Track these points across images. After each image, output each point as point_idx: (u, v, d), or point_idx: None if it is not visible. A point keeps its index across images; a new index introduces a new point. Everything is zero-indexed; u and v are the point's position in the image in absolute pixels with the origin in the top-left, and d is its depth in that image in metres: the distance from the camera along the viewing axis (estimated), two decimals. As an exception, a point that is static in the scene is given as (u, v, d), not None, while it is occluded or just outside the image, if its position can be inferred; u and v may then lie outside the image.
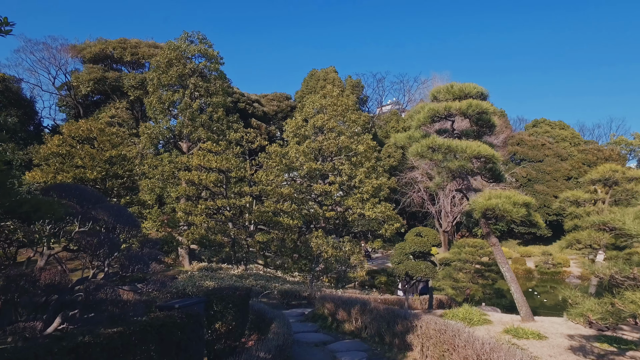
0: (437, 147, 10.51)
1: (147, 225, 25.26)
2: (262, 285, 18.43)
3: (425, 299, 18.63)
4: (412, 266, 11.99)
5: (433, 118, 11.18)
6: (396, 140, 12.64)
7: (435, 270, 12.30)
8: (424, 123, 11.26)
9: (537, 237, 63.10)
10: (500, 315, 14.70)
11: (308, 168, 24.11)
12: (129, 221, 7.17)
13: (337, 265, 20.96)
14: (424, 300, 18.28)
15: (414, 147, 10.90)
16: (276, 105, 64.79)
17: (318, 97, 28.41)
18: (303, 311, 15.10)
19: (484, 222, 11.52)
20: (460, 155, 10.59)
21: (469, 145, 10.44)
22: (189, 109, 27.17)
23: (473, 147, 10.36)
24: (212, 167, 18.95)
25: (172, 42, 30.51)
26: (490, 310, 18.87)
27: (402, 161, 62.81)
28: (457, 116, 11.41)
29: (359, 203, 24.27)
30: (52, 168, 25.75)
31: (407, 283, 12.68)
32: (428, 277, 12.01)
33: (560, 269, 48.10)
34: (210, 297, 7.44)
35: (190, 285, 16.73)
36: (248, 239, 20.30)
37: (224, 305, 7.29)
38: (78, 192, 7.12)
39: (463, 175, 11.56)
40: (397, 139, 12.56)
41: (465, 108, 10.57)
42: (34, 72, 52.73)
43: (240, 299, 7.74)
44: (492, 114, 11.16)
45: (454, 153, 10.61)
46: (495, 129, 12.18)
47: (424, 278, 12.05)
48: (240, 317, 7.76)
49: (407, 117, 68.43)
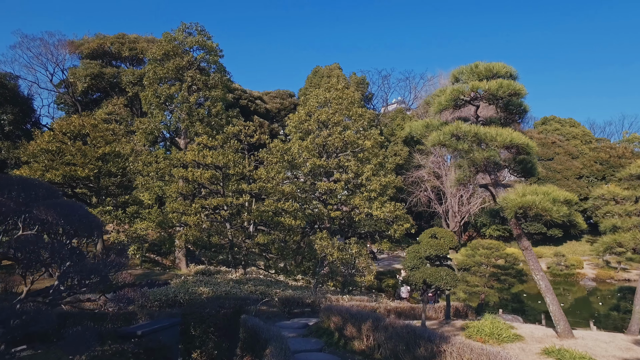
0: (462, 134, 8.94)
1: (143, 225, 23.74)
2: (262, 291, 16.91)
3: (438, 308, 17.02)
4: (431, 273, 10.41)
5: (456, 101, 9.61)
6: (411, 130, 11.07)
7: (457, 278, 10.70)
8: (445, 107, 9.69)
9: (546, 238, 61.15)
10: (529, 327, 13.08)
11: (312, 165, 22.54)
12: (84, 222, 5.64)
13: (344, 269, 19.40)
14: (438, 308, 16.67)
15: (434, 136, 9.34)
16: (279, 103, 63.26)
17: (322, 90, 26.84)
18: (307, 322, 13.55)
19: (514, 222, 9.93)
20: (490, 144, 9.00)
21: (500, 133, 8.85)
22: (186, 102, 25.67)
23: (504, 135, 8.78)
24: (208, 163, 17.42)
25: (169, 34, 29.02)
26: (512, 320, 17.24)
27: (408, 160, 61.13)
28: (483, 101, 9.82)
29: (366, 202, 22.68)
30: (41, 165, 24.34)
31: (424, 292, 11.09)
32: (450, 286, 10.42)
33: (573, 270, 46.28)
34: (186, 319, 5.92)
35: (182, 291, 15.22)
36: (247, 240, 18.77)
37: (204, 329, 5.78)
38: (21, 185, 5.61)
39: (490, 168, 9.97)
40: (413, 128, 10.99)
41: (496, 89, 8.98)
42: (31, 68, 51.48)
43: (226, 319, 6.20)
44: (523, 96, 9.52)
45: (481, 142, 9.03)
46: (526, 115, 10.60)
47: (445, 287, 10.46)
48: (226, 340, 6.22)
49: (423, 103, 66.32)
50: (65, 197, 26.63)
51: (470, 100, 9.85)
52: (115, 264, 6.37)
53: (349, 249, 20.06)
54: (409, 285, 10.91)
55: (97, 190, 26.34)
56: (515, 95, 9.29)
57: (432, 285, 10.62)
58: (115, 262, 6.15)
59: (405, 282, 11.05)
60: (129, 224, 25.59)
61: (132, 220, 25.52)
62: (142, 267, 26.32)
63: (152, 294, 14.26)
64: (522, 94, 9.27)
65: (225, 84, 29.31)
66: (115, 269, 6.29)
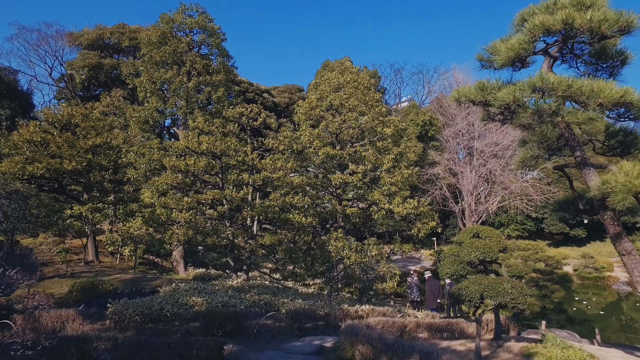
0: (549, 88, 6.18)
1: (136, 224, 21.20)
2: (267, 301, 14.23)
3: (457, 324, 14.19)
4: (491, 286, 7.67)
5: (534, 39, 6.82)
6: (459, 95, 8.32)
7: (527, 292, 7.93)
8: (518, 53, 6.94)
9: (569, 238, 57.80)
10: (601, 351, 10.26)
11: (324, 155, 19.81)
12: None
13: (362, 275, 16.68)
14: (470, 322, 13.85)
15: (505, 93, 6.59)
16: (287, 97, 60.68)
17: (335, 74, 24.12)
18: (321, 342, 10.84)
19: (611, 217, 7.15)
20: (590, 103, 6.23)
21: (603, 87, 6.08)
22: (184, 87, 23.13)
23: (612, 90, 6.01)
24: (203, 151, 14.80)
25: (167, 14, 26.49)
26: (569, 337, 14.38)
27: (422, 156, 58.27)
28: (568, 44, 7.04)
29: (386, 197, 19.92)
30: (22, 158, 21.94)
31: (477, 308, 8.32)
32: (518, 304, 7.65)
33: (603, 273, 42.76)
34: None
35: (170, 302, 12.58)
36: (250, 241, 16.10)
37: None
38: None
39: (574, 143, 7.19)
40: (462, 93, 8.25)
41: (599, 21, 6.18)
42: (28, 61, 49.56)
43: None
44: (633, 31, 6.68)
45: (576, 100, 6.28)
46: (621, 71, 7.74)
47: (512, 305, 7.70)
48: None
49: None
50: (51, 192, 24.32)
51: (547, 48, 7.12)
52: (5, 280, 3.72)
53: (368, 251, 17.31)
54: (459, 301, 8.17)
55: (88, 186, 23.93)
56: (624, 31, 6.51)
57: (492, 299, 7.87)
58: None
59: (453, 297, 8.31)
60: (123, 222, 23.21)
61: (126, 219, 23.12)
62: (136, 270, 23.85)
63: (133, 306, 11.66)
64: (633, 27, 6.42)
65: (228, 69, 26.75)
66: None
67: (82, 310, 11.00)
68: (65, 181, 23.61)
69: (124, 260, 25.88)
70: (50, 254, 24.02)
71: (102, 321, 11.06)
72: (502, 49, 7.06)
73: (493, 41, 7.57)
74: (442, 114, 63.08)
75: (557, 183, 57.44)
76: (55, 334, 6.03)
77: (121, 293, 14.23)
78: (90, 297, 13.61)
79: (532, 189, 53.86)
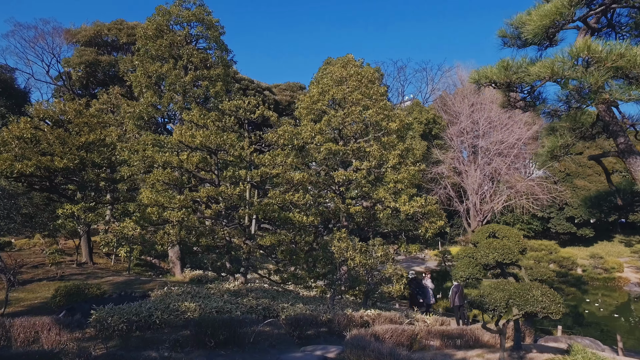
0: (595, 58, 5.17)
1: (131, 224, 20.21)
2: (266, 305, 13.26)
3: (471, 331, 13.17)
4: (517, 293, 6.68)
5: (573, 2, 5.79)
6: (479, 77, 7.33)
7: (559, 300, 6.92)
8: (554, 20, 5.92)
9: (576, 238, 56.41)
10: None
11: (326, 151, 18.81)
12: None
13: (367, 277, 15.69)
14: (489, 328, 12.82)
15: (539, 67, 5.59)
16: (289, 95, 59.70)
17: (337, 67, 23.12)
18: (323, 353, 9.85)
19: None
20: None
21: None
22: (180, 81, 22.17)
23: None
24: (197, 145, 13.82)
25: (163, 7, 25.54)
26: (592, 345, 13.34)
27: (426, 155, 57.21)
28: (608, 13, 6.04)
29: (392, 195, 18.91)
30: (11, 155, 21.00)
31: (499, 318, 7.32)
32: (550, 313, 6.64)
33: (613, 274, 41.53)
34: None
35: (161, 308, 11.60)
36: (248, 241, 15.11)
37: None
38: None
39: (617, 128, 6.19)
40: (482, 73, 7.25)
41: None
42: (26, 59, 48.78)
43: None
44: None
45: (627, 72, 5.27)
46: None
47: (543, 313, 6.70)
48: None
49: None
50: (42, 190, 23.39)
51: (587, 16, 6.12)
52: None
53: (373, 252, 16.29)
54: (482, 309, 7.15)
55: (81, 185, 22.97)
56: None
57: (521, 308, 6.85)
58: None
59: (476, 305, 7.30)
60: (119, 222, 22.27)
61: (122, 219, 22.19)
62: (131, 272, 22.94)
63: (119, 313, 10.68)
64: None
65: (226, 64, 25.78)
66: None
67: (61, 318, 10.02)
68: (57, 180, 22.65)
69: (120, 262, 24.95)
70: (43, 255, 23.14)
71: (83, 330, 10.09)
72: (534, 18, 6.04)
73: (519, 14, 6.60)
74: (446, 112, 62.03)
75: (563, 182, 56.29)
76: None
77: (109, 297, 13.26)
78: (75, 302, 12.62)
79: (538, 187, 52.72)
